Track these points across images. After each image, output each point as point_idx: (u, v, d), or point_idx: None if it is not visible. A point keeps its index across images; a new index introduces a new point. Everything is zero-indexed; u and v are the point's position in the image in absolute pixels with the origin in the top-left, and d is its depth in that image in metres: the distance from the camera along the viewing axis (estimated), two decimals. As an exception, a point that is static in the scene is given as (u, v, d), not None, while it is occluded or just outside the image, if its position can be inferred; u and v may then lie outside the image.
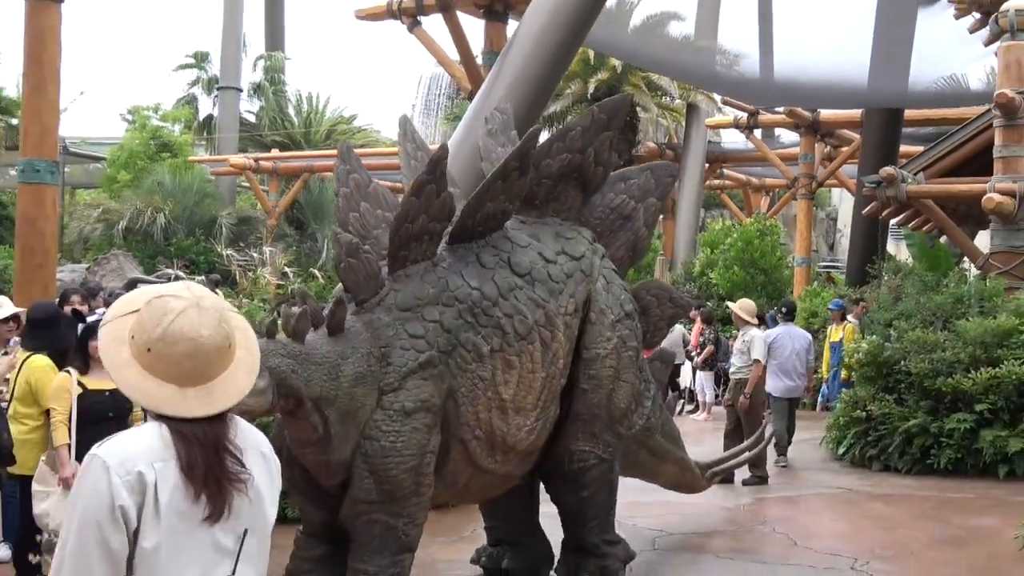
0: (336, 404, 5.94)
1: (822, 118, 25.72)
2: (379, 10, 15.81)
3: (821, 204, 43.00)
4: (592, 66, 30.36)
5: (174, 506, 2.71)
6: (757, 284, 24.56)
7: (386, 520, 6.10)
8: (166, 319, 2.77)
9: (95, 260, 22.69)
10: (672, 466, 8.65)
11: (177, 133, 36.56)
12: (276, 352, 5.80)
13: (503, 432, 6.53)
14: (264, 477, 2.92)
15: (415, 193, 6.21)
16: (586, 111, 25.50)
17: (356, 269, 6.24)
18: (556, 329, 6.76)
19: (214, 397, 2.81)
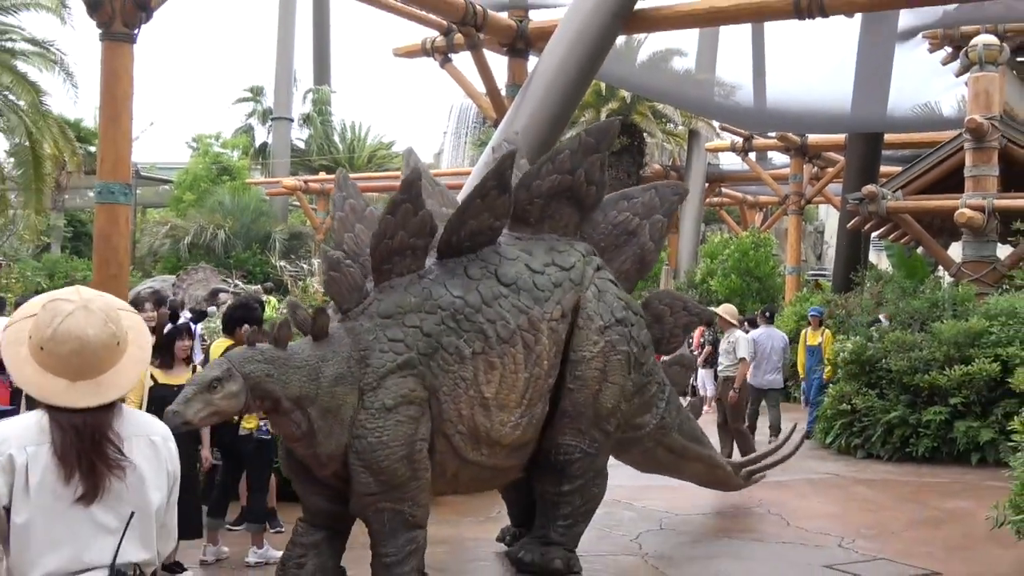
0: (317, 402, 5.95)
1: (810, 142, 25.59)
2: (414, 48, 15.81)
3: (809, 219, 42.76)
4: (604, 96, 30.29)
5: (46, 486, 2.73)
6: (752, 291, 24.51)
7: (392, 507, 6.09)
8: (56, 320, 2.82)
9: (183, 271, 22.77)
10: (697, 464, 8.53)
11: (236, 159, 36.69)
12: (252, 359, 5.86)
13: (487, 427, 6.46)
14: (149, 463, 2.91)
15: (391, 212, 6.20)
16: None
17: (338, 281, 6.28)
18: (540, 333, 6.68)
19: (103, 389, 2.84)
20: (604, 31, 12.68)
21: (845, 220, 19.94)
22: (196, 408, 5.62)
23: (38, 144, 22.80)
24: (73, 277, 26.51)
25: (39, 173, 22.96)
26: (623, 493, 10.33)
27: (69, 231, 37.25)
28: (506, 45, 14.45)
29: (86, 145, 30.59)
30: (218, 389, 5.70)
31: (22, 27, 23.66)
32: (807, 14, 12.26)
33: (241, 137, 42.72)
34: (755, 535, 8.93)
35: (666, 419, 7.86)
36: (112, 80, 9.23)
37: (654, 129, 31.42)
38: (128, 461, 2.85)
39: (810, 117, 20.08)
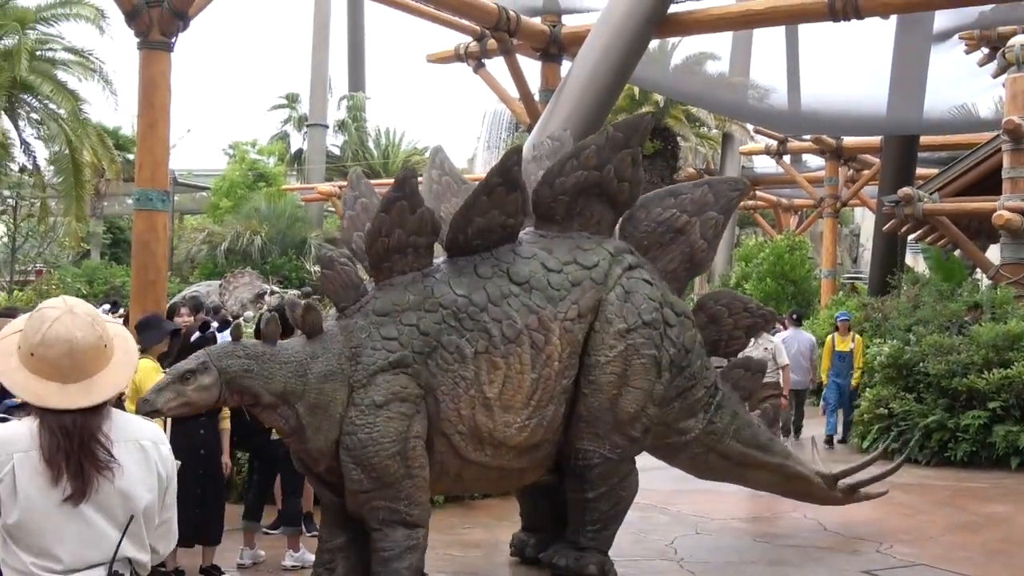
0: (305, 398, 5.93)
1: (845, 144, 25.45)
2: (448, 54, 15.87)
3: (845, 222, 42.44)
4: (637, 101, 30.24)
5: (34, 488, 2.80)
6: (787, 294, 24.36)
7: (386, 504, 6.02)
8: (44, 326, 2.90)
9: (229, 275, 22.95)
10: (762, 472, 8.12)
11: (272, 165, 36.91)
12: (232, 354, 5.88)
13: (489, 428, 6.32)
14: (138, 466, 2.97)
15: (385, 210, 6.13)
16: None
17: (332, 279, 6.23)
18: (551, 333, 6.49)
19: (93, 390, 2.90)
20: (637, 35, 12.65)
21: (881, 223, 19.79)
22: (167, 397, 5.66)
23: (77, 152, 23.05)
24: (112, 283, 26.80)
25: (79, 181, 23.20)
26: (657, 497, 10.28)
27: (108, 238, 37.62)
28: (539, 50, 14.46)
29: (124, 153, 30.89)
30: (191, 381, 5.72)
31: (62, 37, 23.98)
32: (842, 16, 12.18)
33: (277, 144, 42.97)
34: (791, 540, 8.85)
35: (716, 424, 7.54)
36: (150, 88, 9.31)
37: (688, 133, 31.35)
38: (117, 462, 2.90)
39: (845, 119, 19.93)
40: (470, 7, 12.99)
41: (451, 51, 15.66)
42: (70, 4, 22.87)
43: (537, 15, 14.51)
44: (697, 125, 32.14)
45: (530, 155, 7.72)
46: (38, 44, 23.11)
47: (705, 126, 32.31)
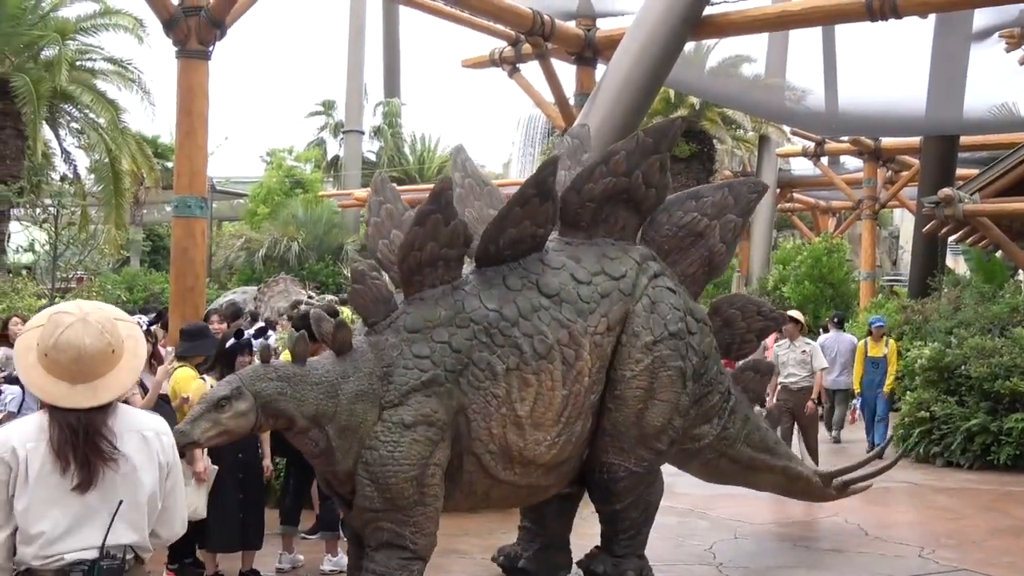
0: (336, 420, 5.74)
1: (884, 145, 25.24)
2: (482, 59, 15.89)
3: (884, 224, 42.07)
4: (672, 103, 30.09)
5: (44, 477, 3.11)
6: (826, 297, 24.17)
7: (392, 528, 5.81)
8: (57, 331, 3.19)
9: (265, 284, 23.11)
10: (769, 475, 8.08)
11: (309, 172, 37.08)
12: (265, 376, 5.67)
13: (520, 446, 6.16)
14: (141, 455, 3.27)
15: (419, 223, 5.95)
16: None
17: (363, 294, 6.02)
18: (582, 348, 6.33)
19: (99, 392, 3.19)
20: (672, 37, 12.61)
21: (921, 224, 19.59)
22: (203, 428, 5.47)
23: (117, 161, 23.25)
24: (151, 290, 27.04)
25: (118, 189, 23.40)
26: (696, 502, 10.23)
27: (147, 245, 37.97)
28: (574, 54, 14.46)
29: (163, 161, 31.15)
30: (226, 408, 5.53)
31: (101, 47, 24.22)
32: (880, 16, 12.08)
33: (313, 150, 43.18)
34: (832, 545, 8.78)
35: (729, 429, 7.48)
36: (188, 96, 9.40)
37: (724, 135, 31.17)
38: (121, 454, 3.20)
39: (883, 120, 19.77)
40: (505, 12, 13.01)
41: (486, 56, 15.69)
42: (109, 14, 23.08)
43: (572, 19, 14.50)
44: (733, 127, 31.95)
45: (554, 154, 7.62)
46: (78, 54, 23.35)
47: (741, 128, 32.11)
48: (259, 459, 7.57)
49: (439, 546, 8.07)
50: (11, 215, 23.25)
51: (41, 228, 24.66)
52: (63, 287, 23.78)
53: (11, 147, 22.00)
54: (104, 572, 3.17)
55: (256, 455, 7.52)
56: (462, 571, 7.81)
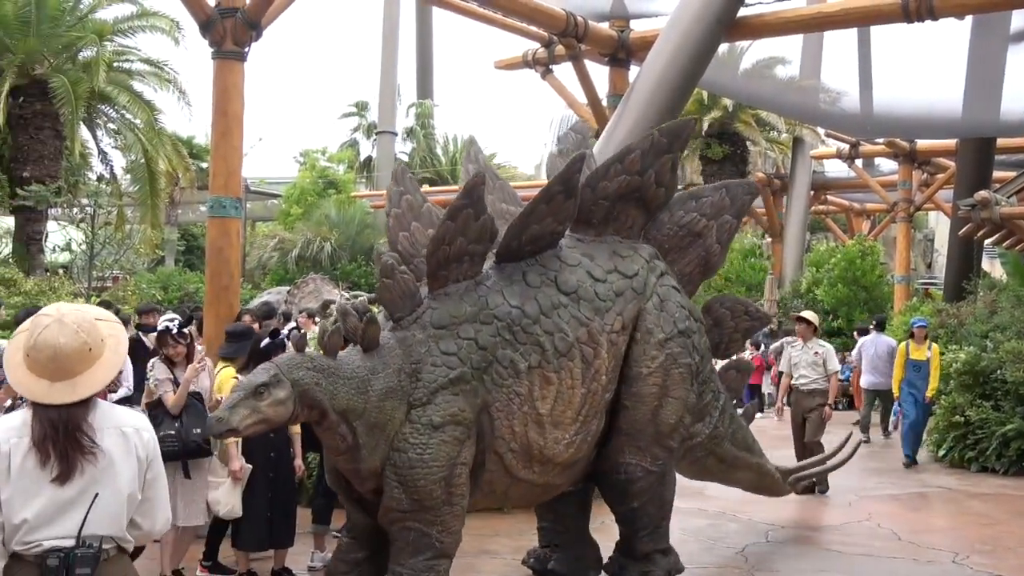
0: (364, 416, 5.68)
1: (919, 147, 25.01)
2: (515, 61, 15.89)
3: (919, 226, 41.74)
4: (706, 105, 30.02)
5: (26, 469, 3.33)
6: (859, 300, 24.04)
7: (420, 528, 5.77)
8: (36, 332, 3.43)
9: (296, 284, 23.26)
10: (746, 472, 8.13)
11: (342, 172, 37.20)
12: (302, 365, 5.60)
13: (540, 445, 6.13)
14: (119, 450, 3.46)
15: (451, 217, 5.91)
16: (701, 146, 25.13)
17: (391, 288, 5.94)
18: (599, 346, 6.32)
19: (78, 388, 3.41)
20: (706, 39, 12.56)
21: (957, 227, 19.42)
22: (242, 415, 5.37)
23: (153, 161, 23.46)
24: (186, 290, 27.27)
25: (154, 189, 23.62)
26: (728, 505, 10.20)
27: (182, 245, 38.27)
28: (607, 55, 14.42)
29: (198, 161, 31.41)
30: (264, 396, 5.43)
31: (138, 48, 24.46)
32: (916, 17, 11.97)
33: (347, 151, 43.38)
34: (864, 550, 8.72)
35: (719, 428, 7.47)
36: (224, 97, 9.46)
37: (757, 137, 31.04)
38: (99, 448, 3.40)
39: (919, 122, 19.58)
40: (538, 13, 13.00)
41: (519, 57, 15.69)
42: (146, 16, 23.31)
43: (605, 20, 14.47)
44: (767, 129, 31.82)
45: (555, 150, 7.60)
46: (115, 56, 23.60)
47: (775, 130, 31.97)
48: (290, 458, 7.62)
49: (470, 546, 8.12)
50: (49, 215, 23.51)
51: (78, 228, 24.93)
52: (99, 286, 24.01)
53: (49, 147, 22.27)
54: (79, 559, 3.34)
55: (287, 454, 7.57)
56: (492, 571, 7.83)
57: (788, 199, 29.67)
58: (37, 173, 21.91)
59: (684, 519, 9.78)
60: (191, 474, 7.11)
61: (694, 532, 9.28)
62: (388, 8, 40.24)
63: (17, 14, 21.61)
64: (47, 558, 3.34)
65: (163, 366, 7.41)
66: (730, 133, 30.64)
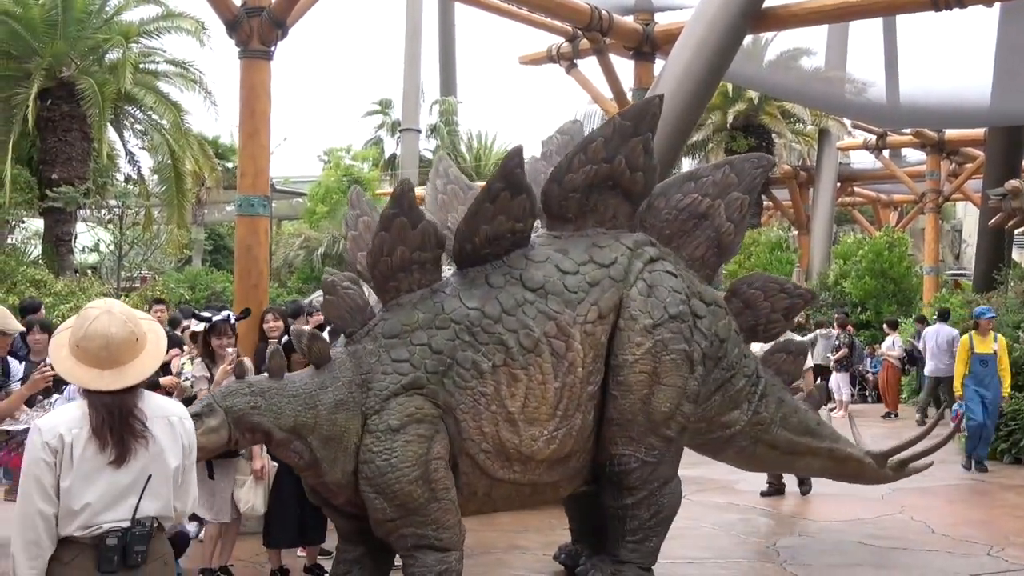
0: (317, 431, 5.70)
1: (947, 137, 24.84)
2: (540, 56, 15.88)
3: (947, 217, 41.43)
4: (731, 98, 29.91)
5: (86, 456, 3.55)
6: (888, 292, 23.90)
7: (414, 531, 5.77)
8: (86, 323, 3.66)
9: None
10: (813, 458, 7.82)
11: (366, 170, 37.28)
12: (237, 392, 5.67)
13: (515, 443, 6.03)
14: (166, 436, 3.73)
15: (384, 228, 5.84)
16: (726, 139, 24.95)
17: (335, 304, 5.95)
18: (571, 339, 6.17)
19: (126, 376, 3.65)
20: (731, 31, 12.50)
21: (986, 217, 19.27)
22: None
23: (180, 162, 23.59)
24: (213, 289, 27.40)
25: (181, 189, 23.75)
26: (759, 499, 10.15)
27: (209, 244, 38.48)
28: (632, 49, 14.38)
29: (224, 162, 31.56)
30: (197, 425, 5.35)
31: (164, 49, 24.59)
32: (943, 6, 11.87)
33: (371, 149, 43.46)
34: (898, 543, 8.65)
35: (762, 414, 7.26)
36: (251, 96, 9.49)
37: (783, 129, 30.91)
38: (151, 433, 3.66)
39: (947, 112, 19.42)
40: (562, 7, 12.98)
41: (543, 52, 15.68)
42: (172, 17, 23.44)
43: (629, 14, 14.44)
44: (792, 121, 31.66)
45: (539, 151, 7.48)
46: (141, 57, 23.74)
47: (801, 122, 31.81)
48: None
49: (501, 541, 8.12)
50: (77, 216, 23.67)
51: (106, 228, 25.11)
52: (127, 286, 24.18)
53: (77, 149, 22.42)
54: (135, 538, 3.62)
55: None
56: (523, 567, 7.82)
57: (814, 191, 29.53)
58: (65, 175, 22.07)
59: (715, 513, 9.77)
60: (215, 474, 7.13)
61: (726, 526, 9.24)
62: (411, 5, 40.27)
63: (44, 17, 21.77)
64: (106, 538, 3.57)
65: (202, 364, 7.44)
66: (755, 126, 30.51)
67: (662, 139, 12.27)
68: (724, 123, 29.87)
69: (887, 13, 14.10)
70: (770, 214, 35.36)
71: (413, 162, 40.38)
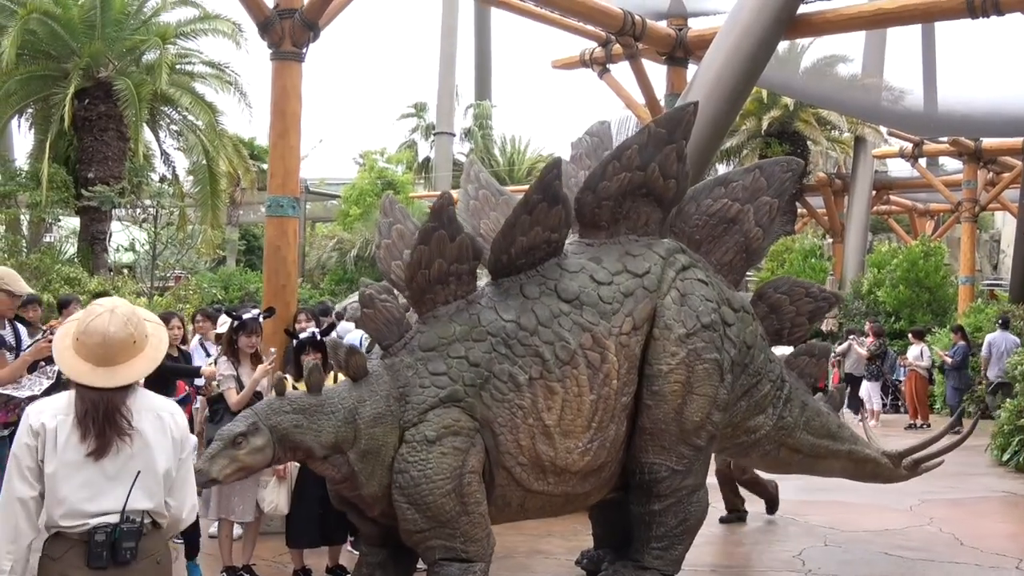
0: (356, 445, 5.73)
1: (984, 146, 24.56)
2: (572, 60, 15.86)
3: (984, 227, 41.00)
4: (765, 104, 29.78)
5: (69, 444, 3.63)
6: (922, 302, 23.70)
7: (443, 543, 5.77)
8: (89, 319, 3.76)
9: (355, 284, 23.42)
10: (835, 460, 7.81)
11: (400, 173, 37.41)
12: (279, 410, 5.69)
13: (551, 456, 6.02)
14: (155, 432, 3.77)
15: (423, 241, 5.84)
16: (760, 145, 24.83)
17: (373, 318, 5.95)
18: (607, 350, 6.16)
19: (117, 375, 3.72)
20: (765, 37, 12.44)
21: (1023, 227, 19.04)
22: (221, 465, 5.52)
23: (214, 162, 23.77)
24: (247, 289, 27.58)
25: (215, 190, 23.94)
26: (786, 507, 10.09)
27: (243, 245, 38.69)
28: (665, 54, 14.34)
29: (259, 163, 31.73)
30: (243, 445, 5.56)
31: (200, 51, 24.81)
32: (981, 13, 11.75)
33: (405, 152, 43.64)
34: (926, 555, 8.56)
35: (786, 418, 7.26)
36: (282, 97, 9.54)
37: (818, 136, 30.73)
38: (135, 429, 3.71)
39: (985, 120, 19.24)
40: (595, 12, 12.97)
41: (576, 57, 15.66)
42: (208, 19, 23.64)
43: (663, 19, 14.39)
44: (828, 128, 31.47)
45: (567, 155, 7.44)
46: (178, 58, 23.95)
47: (836, 129, 31.61)
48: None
49: (524, 546, 8.12)
50: (113, 215, 23.91)
51: (141, 228, 25.34)
52: (161, 286, 24.38)
53: (113, 149, 22.66)
54: (124, 534, 3.65)
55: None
56: (546, 572, 7.82)
57: (849, 199, 29.32)
58: (101, 174, 22.30)
59: (741, 522, 9.70)
60: None
61: (751, 535, 9.19)
62: (446, 9, 40.44)
63: (82, 18, 22.02)
64: (95, 534, 3.62)
65: (228, 363, 7.48)
66: (790, 132, 30.36)
67: (694, 145, 12.21)
68: (759, 129, 29.74)
69: (923, 20, 13.97)
70: (804, 221, 35.16)
71: (447, 165, 40.52)
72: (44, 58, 22.25)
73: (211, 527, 8.02)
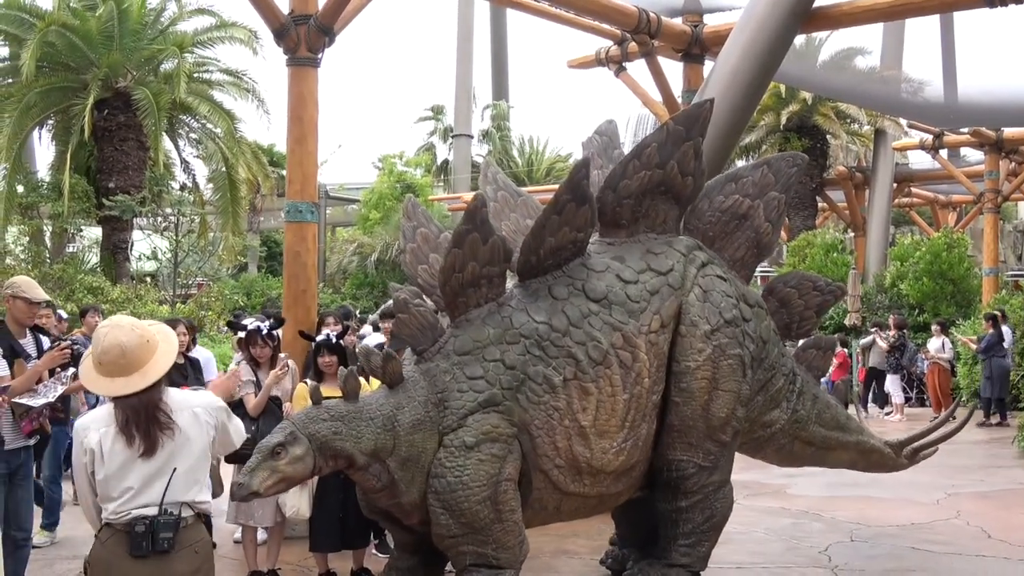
0: (396, 452, 5.68)
1: (1006, 136, 24.38)
2: (588, 59, 15.85)
3: (1008, 217, 40.70)
4: (784, 99, 29.64)
5: (115, 451, 4.00)
6: (946, 294, 23.52)
7: (474, 550, 5.74)
8: (100, 342, 4.09)
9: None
10: (844, 452, 7.80)
11: (419, 176, 37.53)
12: (317, 418, 5.63)
13: (587, 457, 6.00)
14: (192, 427, 4.13)
15: (457, 244, 5.81)
16: (779, 140, 24.79)
17: (408, 323, 5.92)
18: (638, 349, 6.15)
19: (148, 375, 4.06)
20: (781, 31, 12.37)
21: (1047, 217, 18.88)
22: (262, 477, 5.43)
23: (234, 169, 23.91)
24: (268, 295, 27.71)
25: (235, 197, 24.08)
26: (811, 503, 10.05)
27: (264, 251, 38.91)
28: (681, 51, 14.30)
29: (278, 169, 31.87)
30: (282, 455, 5.49)
31: (217, 59, 24.96)
32: (999, 2, 11.67)
33: (423, 155, 43.73)
34: (953, 548, 8.51)
35: (800, 412, 7.28)
36: (298, 103, 9.57)
37: (838, 130, 30.57)
38: (176, 424, 4.06)
39: (1006, 110, 19.09)
40: (610, 11, 12.95)
41: (591, 56, 15.64)
42: (225, 27, 23.77)
43: (678, 16, 14.36)
44: (848, 122, 31.31)
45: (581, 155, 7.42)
46: (196, 67, 24.11)
47: (856, 122, 31.45)
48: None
49: (549, 546, 8.11)
50: (134, 224, 24.07)
51: (162, 236, 25.50)
52: (183, 294, 24.52)
53: (133, 158, 22.82)
54: (161, 525, 3.99)
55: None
56: (571, 572, 7.81)
57: (870, 192, 29.16)
58: (122, 184, 22.47)
59: (767, 518, 9.68)
60: None
61: (777, 531, 9.16)
62: (462, 11, 40.48)
63: (100, 29, 22.19)
64: (135, 525, 3.97)
65: (248, 368, 7.52)
66: (809, 127, 30.22)
67: (711, 141, 12.18)
68: (778, 124, 29.61)
69: (941, 11, 13.89)
70: (825, 216, 35.00)
71: (465, 168, 40.56)
72: (63, 70, 22.43)
73: (235, 532, 8.05)
